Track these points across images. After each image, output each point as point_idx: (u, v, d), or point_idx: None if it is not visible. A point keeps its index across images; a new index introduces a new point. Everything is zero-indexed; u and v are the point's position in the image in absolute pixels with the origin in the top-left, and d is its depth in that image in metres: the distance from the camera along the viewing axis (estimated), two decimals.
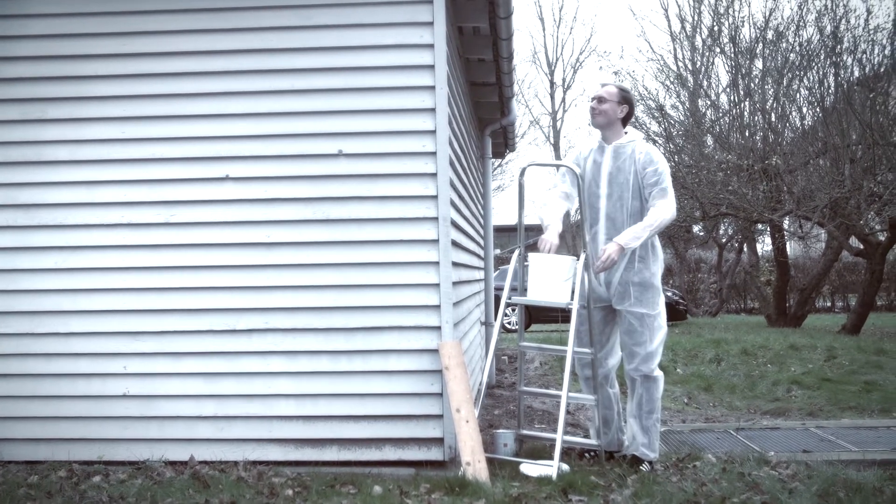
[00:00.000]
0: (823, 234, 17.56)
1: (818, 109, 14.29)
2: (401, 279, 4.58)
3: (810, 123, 14.95)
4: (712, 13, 17.33)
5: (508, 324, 15.38)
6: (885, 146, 12.83)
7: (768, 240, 19.50)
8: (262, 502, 3.84)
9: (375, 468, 4.49)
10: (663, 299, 4.67)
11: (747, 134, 15.45)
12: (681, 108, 17.87)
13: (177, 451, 4.57)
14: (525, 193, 4.84)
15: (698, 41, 19.34)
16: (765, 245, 22.05)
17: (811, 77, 14.44)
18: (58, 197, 4.67)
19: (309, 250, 4.61)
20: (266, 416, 4.60)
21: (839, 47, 13.77)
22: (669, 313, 13.03)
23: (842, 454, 5.02)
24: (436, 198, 4.56)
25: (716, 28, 17.15)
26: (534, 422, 6.05)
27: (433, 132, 4.56)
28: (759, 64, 15.67)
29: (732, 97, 16.33)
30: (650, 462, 4.55)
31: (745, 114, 15.70)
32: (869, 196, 13.11)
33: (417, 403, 4.56)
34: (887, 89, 13.36)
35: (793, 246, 22.52)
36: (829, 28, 13.86)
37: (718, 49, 17.25)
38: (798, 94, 15.01)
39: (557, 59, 33.69)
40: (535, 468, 4.28)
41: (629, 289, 4.57)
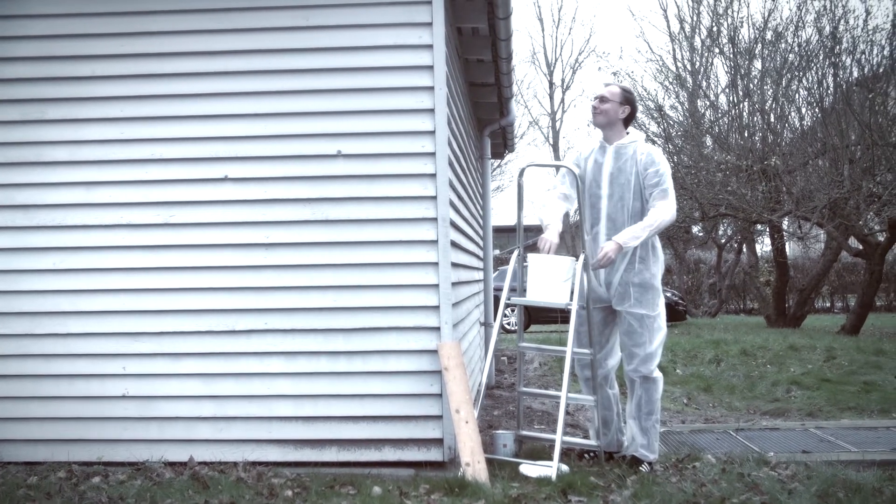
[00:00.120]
0: (822, 235, 17.58)
1: (817, 110, 14.29)
2: (400, 280, 4.57)
3: (809, 124, 14.95)
4: (711, 13, 17.33)
5: (508, 324, 15.38)
6: (884, 147, 12.83)
7: (767, 240, 19.51)
8: (262, 503, 3.84)
9: (375, 469, 4.48)
10: (663, 300, 4.68)
11: (746, 134, 15.45)
12: (680, 108, 17.89)
13: (176, 452, 4.57)
14: (524, 194, 4.85)
15: (697, 42, 19.35)
16: (764, 245, 22.06)
17: (810, 78, 14.45)
18: (57, 198, 4.66)
19: (308, 251, 4.61)
20: (265, 416, 4.59)
21: (838, 48, 13.77)
22: (669, 314, 13.02)
23: (841, 455, 5.02)
24: (435, 198, 4.56)
25: (715, 28, 17.15)
26: (533, 422, 6.05)
27: (432, 133, 4.56)
28: (758, 64, 15.69)
29: (731, 98, 16.34)
30: (649, 463, 4.55)
31: (744, 114, 15.69)
32: (868, 196, 13.11)
33: (417, 404, 4.56)
34: (886, 90, 13.37)
35: (792, 246, 22.53)
36: (827, 29, 13.87)
37: (717, 49, 17.25)
38: (797, 95, 15.03)
39: (556, 60, 33.69)
40: (534, 469, 4.29)
41: (629, 290, 4.57)
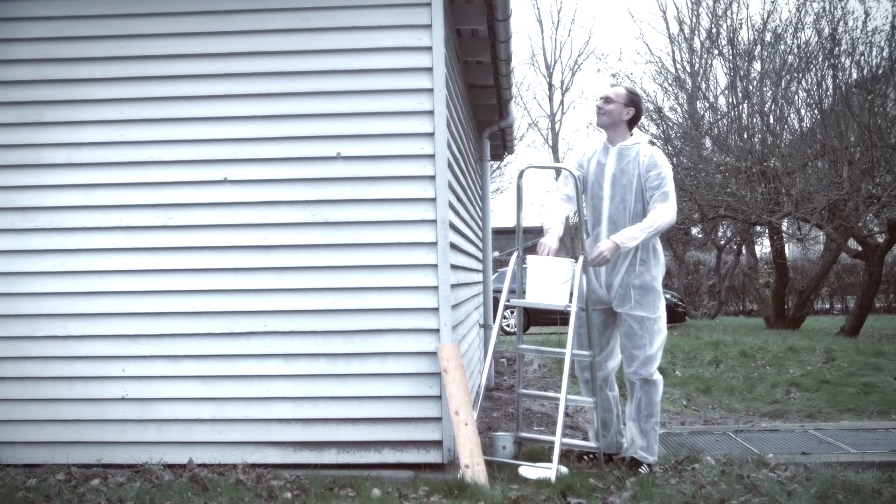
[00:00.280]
0: (822, 236, 17.58)
1: (816, 111, 14.30)
2: (399, 282, 4.57)
3: (809, 125, 14.96)
4: (710, 15, 17.36)
5: (507, 326, 15.37)
6: (883, 148, 12.84)
7: (767, 242, 19.53)
8: None
9: (374, 471, 4.48)
10: (664, 303, 4.67)
11: (746, 136, 15.46)
12: (679, 110, 17.89)
13: (175, 454, 4.57)
14: (523, 196, 4.85)
15: (696, 43, 19.37)
16: (763, 247, 22.09)
17: (809, 79, 14.47)
18: (56, 200, 4.66)
19: (307, 253, 4.61)
20: (264, 418, 4.59)
21: (837, 49, 13.78)
22: (668, 315, 13.00)
23: (840, 456, 5.01)
24: (434, 200, 4.56)
25: (714, 30, 17.17)
26: (532, 424, 6.05)
27: (431, 135, 4.56)
28: (758, 66, 15.70)
29: (731, 99, 16.36)
30: (649, 465, 4.55)
31: (744, 116, 15.71)
32: (867, 198, 13.12)
33: (416, 406, 4.55)
34: (885, 91, 13.37)
35: (791, 248, 22.55)
36: (827, 30, 13.88)
37: (717, 51, 17.27)
38: (796, 96, 15.04)
39: (556, 62, 33.72)
40: (533, 471, 4.28)
41: (630, 292, 4.57)
